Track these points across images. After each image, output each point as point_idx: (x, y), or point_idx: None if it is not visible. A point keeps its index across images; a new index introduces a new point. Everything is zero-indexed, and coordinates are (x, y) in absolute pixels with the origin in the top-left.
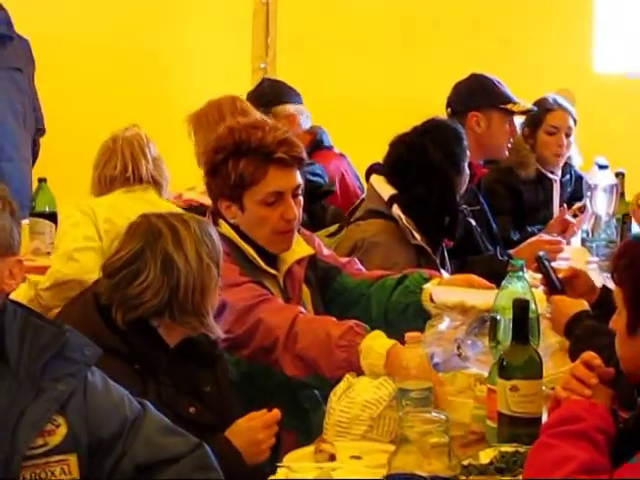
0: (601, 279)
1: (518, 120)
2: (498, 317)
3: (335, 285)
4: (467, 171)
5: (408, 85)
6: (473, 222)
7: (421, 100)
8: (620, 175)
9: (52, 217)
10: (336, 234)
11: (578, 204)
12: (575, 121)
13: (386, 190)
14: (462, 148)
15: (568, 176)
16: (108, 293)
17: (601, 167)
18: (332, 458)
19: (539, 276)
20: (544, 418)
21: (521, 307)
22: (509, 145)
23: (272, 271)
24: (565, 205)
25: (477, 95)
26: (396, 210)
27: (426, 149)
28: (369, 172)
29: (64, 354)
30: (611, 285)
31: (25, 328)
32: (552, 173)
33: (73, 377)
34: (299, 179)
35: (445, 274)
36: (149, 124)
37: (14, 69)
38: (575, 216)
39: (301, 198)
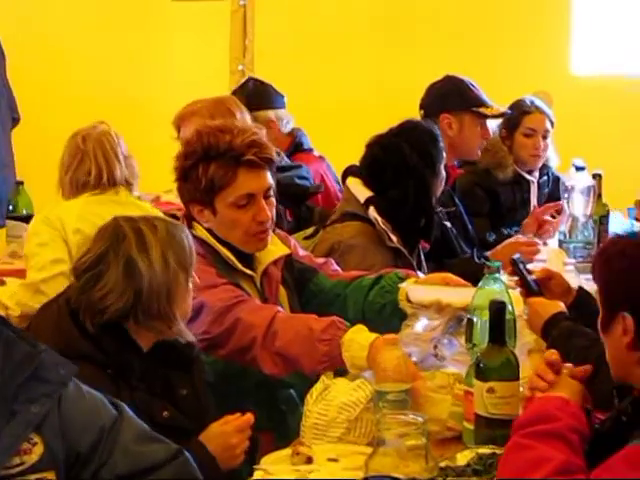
0: (578, 281)
1: (496, 121)
2: (475, 319)
3: (311, 286)
4: (443, 173)
5: (387, 87)
6: (448, 224)
7: (400, 102)
8: (597, 176)
9: (29, 220)
10: (312, 237)
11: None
12: (552, 123)
13: (362, 192)
14: (438, 149)
15: (545, 177)
16: (75, 296)
17: (578, 168)
18: (309, 461)
19: (516, 278)
20: None
21: (497, 309)
22: (481, 146)
23: (248, 272)
24: (536, 204)
25: (449, 98)
26: (372, 212)
27: (402, 150)
28: (345, 174)
29: (39, 375)
30: (587, 286)
31: None
32: (529, 174)
33: (48, 398)
34: (270, 180)
35: (421, 275)
36: (128, 125)
37: None
38: (553, 217)
39: (273, 199)
